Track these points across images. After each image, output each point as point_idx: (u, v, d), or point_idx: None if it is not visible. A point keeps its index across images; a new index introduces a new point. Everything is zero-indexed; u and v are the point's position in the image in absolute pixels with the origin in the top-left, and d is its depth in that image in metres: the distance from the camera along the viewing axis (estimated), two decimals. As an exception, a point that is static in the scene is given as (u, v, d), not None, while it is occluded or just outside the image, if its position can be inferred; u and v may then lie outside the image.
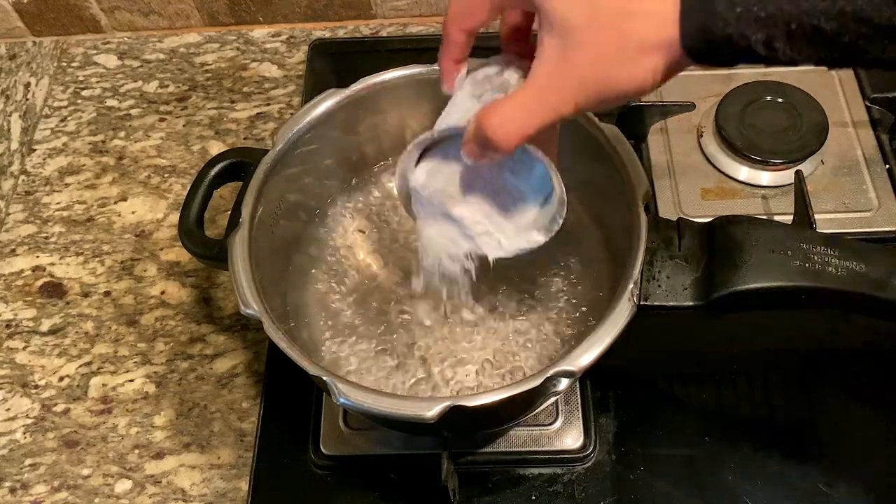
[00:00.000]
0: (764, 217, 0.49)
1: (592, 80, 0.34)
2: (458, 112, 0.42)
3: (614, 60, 0.33)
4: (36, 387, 0.64)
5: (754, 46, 0.31)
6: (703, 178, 0.68)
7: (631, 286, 0.45)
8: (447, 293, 0.50)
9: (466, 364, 0.54)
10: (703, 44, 0.32)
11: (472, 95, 0.42)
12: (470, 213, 0.45)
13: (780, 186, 0.66)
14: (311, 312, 0.56)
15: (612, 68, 0.34)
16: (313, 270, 0.58)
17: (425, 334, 0.55)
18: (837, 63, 0.31)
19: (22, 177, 0.76)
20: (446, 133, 0.42)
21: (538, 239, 0.45)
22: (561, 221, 0.44)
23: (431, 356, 0.54)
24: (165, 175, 0.75)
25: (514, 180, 0.45)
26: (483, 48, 0.43)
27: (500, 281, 0.57)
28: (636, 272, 0.46)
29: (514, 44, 0.43)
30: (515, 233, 0.45)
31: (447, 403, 0.41)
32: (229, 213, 0.51)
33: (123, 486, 0.59)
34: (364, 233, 0.59)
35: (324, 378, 0.43)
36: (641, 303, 0.45)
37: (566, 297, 0.56)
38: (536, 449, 0.56)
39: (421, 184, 0.46)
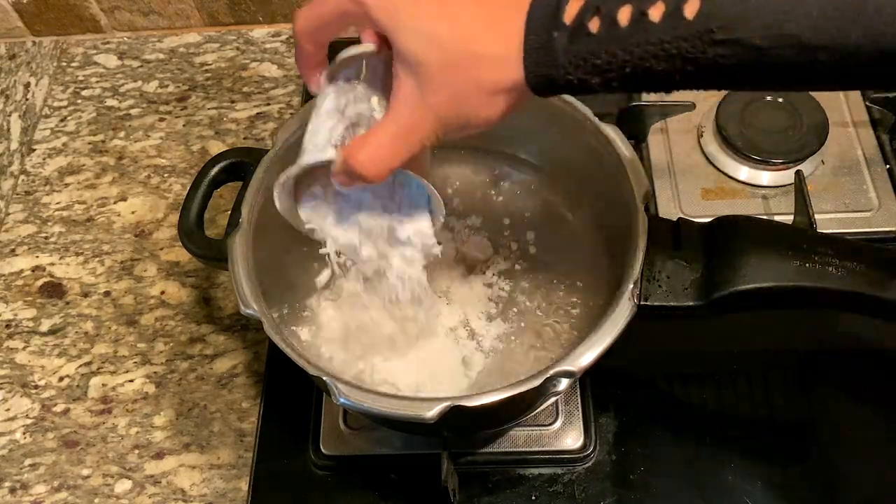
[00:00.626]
0: (764, 217, 0.49)
1: (451, 116, 0.37)
2: (323, 132, 0.42)
3: (469, 101, 0.36)
4: (36, 387, 0.64)
5: (593, 86, 0.34)
6: (703, 178, 0.68)
7: (631, 286, 0.45)
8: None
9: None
10: (546, 86, 0.35)
11: (336, 109, 0.43)
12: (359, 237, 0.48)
13: (780, 186, 0.66)
14: (312, 312, 0.56)
15: (467, 108, 0.36)
16: (313, 270, 0.58)
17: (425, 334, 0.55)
18: (670, 90, 0.34)
19: (22, 177, 0.76)
20: (313, 166, 0.43)
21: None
22: (439, 223, 0.47)
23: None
24: (165, 175, 0.75)
25: (400, 191, 0.47)
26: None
27: (500, 281, 0.57)
28: (636, 272, 0.46)
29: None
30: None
31: (447, 403, 0.41)
32: (229, 213, 0.51)
33: (123, 486, 0.59)
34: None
35: (324, 378, 0.43)
36: (641, 303, 0.45)
37: (566, 297, 0.56)
38: (536, 449, 0.56)
39: (307, 221, 0.47)
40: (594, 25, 0.32)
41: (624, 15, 0.32)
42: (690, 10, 0.31)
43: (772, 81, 0.33)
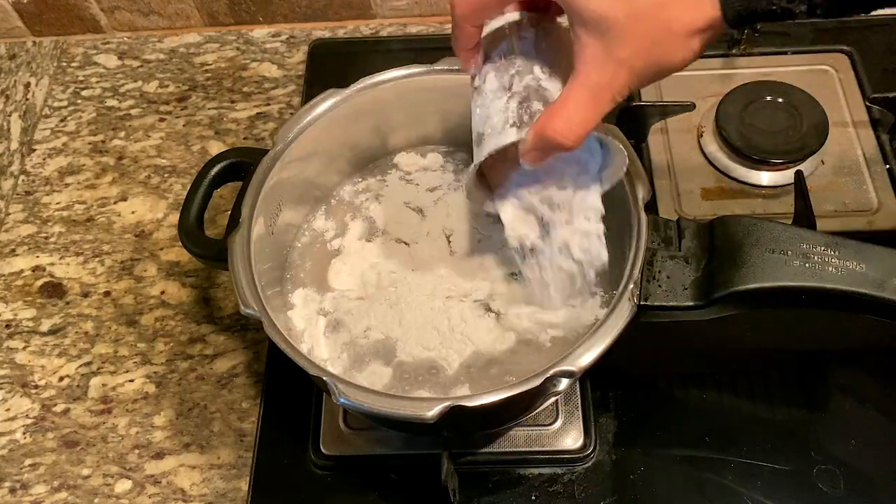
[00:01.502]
0: (764, 217, 0.49)
1: (642, 66, 0.36)
2: (497, 114, 0.42)
3: (662, 48, 0.35)
4: (36, 387, 0.64)
5: (797, 13, 0.33)
6: (703, 178, 0.68)
7: (631, 286, 0.45)
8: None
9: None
10: (747, 18, 0.33)
11: (501, 88, 0.42)
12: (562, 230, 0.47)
13: (780, 186, 0.66)
14: (312, 312, 0.56)
15: (661, 55, 0.35)
16: (313, 270, 0.58)
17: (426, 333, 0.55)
18: (870, 10, 0.34)
19: (22, 177, 0.76)
20: (499, 150, 0.42)
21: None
22: (624, 170, 0.46)
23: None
24: (165, 175, 0.75)
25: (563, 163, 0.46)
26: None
27: (500, 282, 0.57)
28: (636, 272, 0.46)
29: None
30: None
31: (447, 403, 0.42)
32: (229, 213, 0.51)
33: (123, 486, 0.59)
34: (365, 235, 0.59)
35: (324, 378, 0.43)
36: (641, 303, 0.45)
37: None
38: (536, 449, 0.56)
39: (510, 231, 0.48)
40: None
41: None
42: None
43: None
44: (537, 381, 0.42)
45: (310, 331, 0.54)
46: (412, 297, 0.54)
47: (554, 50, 0.43)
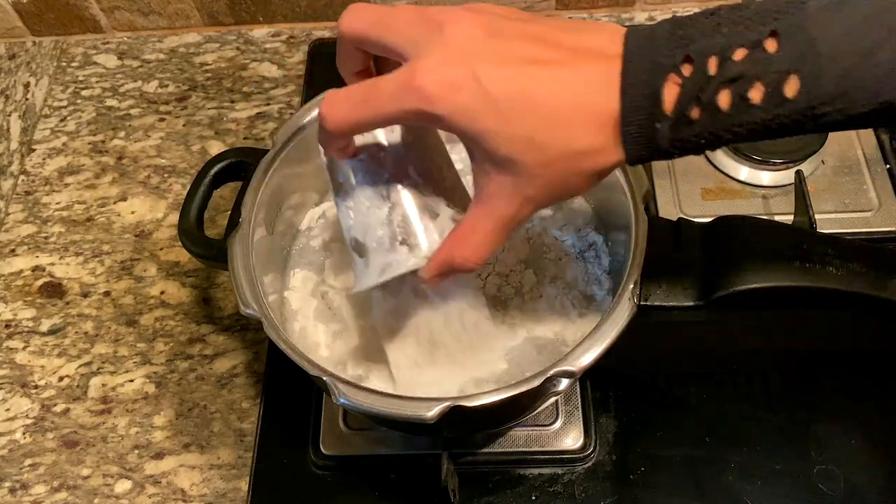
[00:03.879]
0: (764, 217, 0.49)
1: (547, 200, 0.37)
2: (378, 225, 0.41)
3: (568, 184, 0.36)
4: (36, 387, 0.64)
5: (690, 154, 0.35)
6: (703, 178, 0.68)
7: (631, 286, 0.45)
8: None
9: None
10: (644, 160, 0.35)
11: (377, 195, 0.41)
12: None
13: (780, 186, 0.66)
14: (312, 312, 0.56)
15: (566, 191, 0.37)
16: (313, 270, 0.58)
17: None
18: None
19: (21, 177, 0.76)
20: (400, 275, 0.41)
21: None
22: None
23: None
24: (165, 175, 0.75)
25: None
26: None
27: (501, 283, 0.57)
28: (636, 272, 0.46)
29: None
30: None
31: (447, 403, 0.41)
32: (229, 213, 0.51)
33: (123, 486, 0.59)
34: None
35: (324, 378, 0.43)
36: (641, 303, 0.45)
37: (567, 297, 0.56)
38: (536, 449, 0.56)
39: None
40: (695, 114, 0.32)
41: (724, 100, 0.32)
42: (791, 90, 0.31)
43: (861, 126, 0.34)
44: (537, 381, 0.42)
45: (304, 311, 0.55)
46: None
47: (423, 146, 0.42)
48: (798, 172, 0.63)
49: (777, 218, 0.64)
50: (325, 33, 0.83)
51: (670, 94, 0.32)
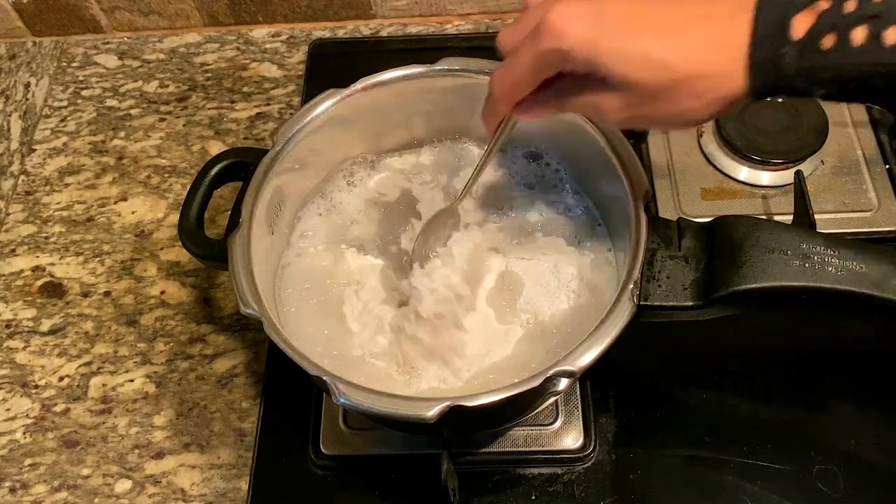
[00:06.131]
0: (764, 217, 0.49)
1: (659, 121, 0.39)
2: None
3: (685, 110, 0.37)
4: (36, 387, 0.64)
5: (815, 94, 0.35)
6: (703, 178, 0.68)
7: (631, 286, 0.45)
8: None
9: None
10: (769, 93, 0.36)
11: None
12: None
13: (780, 186, 0.66)
14: (311, 312, 0.56)
15: (682, 115, 0.37)
16: (313, 269, 0.58)
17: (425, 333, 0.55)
18: (882, 104, 0.37)
19: (22, 177, 0.76)
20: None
21: None
22: None
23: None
24: (165, 175, 0.75)
25: None
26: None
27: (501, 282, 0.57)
28: (636, 272, 0.46)
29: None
30: None
31: (447, 403, 0.41)
32: (229, 213, 0.51)
33: (123, 486, 0.59)
34: (363, 234, 0.59)
35: (324, 378, 0.43)
36: (641, 303, 0.45)
37: (566, 297, 0.56)
38: (536, 449, 0.56)
39: None
40: (828, 42, 0.33)
41: (858, 35, 0.33)
42: None
43: None
44: (537, 381, 0.42)
45: (303, 310, 0.55)
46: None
47: None
48: (798, 172, 0.63)
49: (777, 218, 0.64)
50: (325, 33, 0.83)
51: (802, 23, 0.33)
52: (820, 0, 0.33)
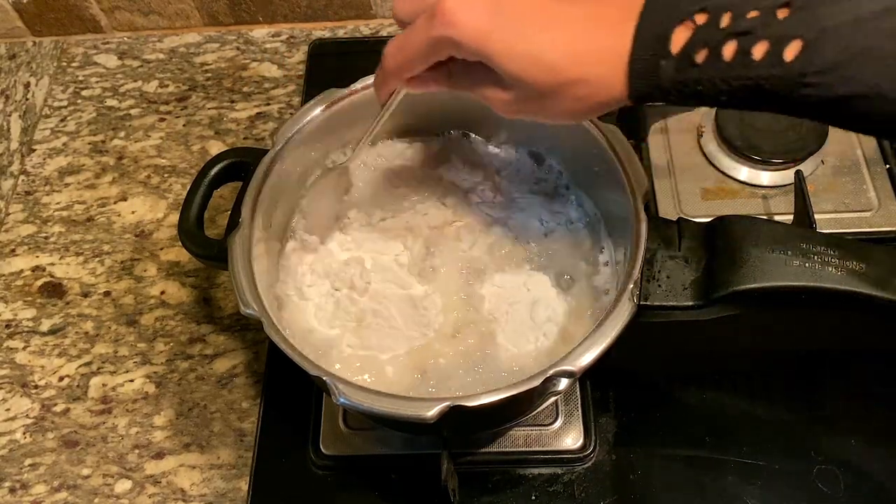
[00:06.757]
0: (764, 217, 0.49)
1: (540, 116, 0.40)
2: None
3: (565, 109, 0.38)
4: (36, 387, 0.64)
5: (687, 103, 0.36)
6: (703, 178, 0.68)
7: (631, 286, 0.45)
8: None
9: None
10: (643, 101, 0.37)
11: None
12: None
13: (780, 186, 0.66)
14: (311, 312, 0.56)
15: (562, 113, 0.39)
16: (312, 269, 0.58)
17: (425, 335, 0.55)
18: (753, 111, 0.37)
19: (22, 177, 0.76)
20: None
21: None
22: None
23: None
24: (165, 175, 0.75)
25: None
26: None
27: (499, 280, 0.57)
28: (636, 272, 0.46)
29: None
30: None
31: (447, 403, 0.41)
32: (229, 213, 0.51)
33: (123, 486, 0.59)
34: (362, 234, 0.59)
35: (324, 378, 0.43)
36: (641, 303, 0.45)
37: (566, 297, 0.56)
38: (536, 449, 0.56)
39: None
40: (700, 57, 0.34)
41: (729, 50, 0.34)
42: (790, 53, 0.33)
43: (848, 123, 0.35)
44: (537, 381, 0.42)
45: (302, 309, 0.55)
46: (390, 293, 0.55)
47: None
48: (798, 172, 0.63)
49: (777, 218, 0.64)
50: (325, 33, 0.83)
51: (680, 36, 0.34)
52: (698, 13, 0.34)
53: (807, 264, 0.44)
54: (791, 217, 0.61)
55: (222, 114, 0.78)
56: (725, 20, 0.34)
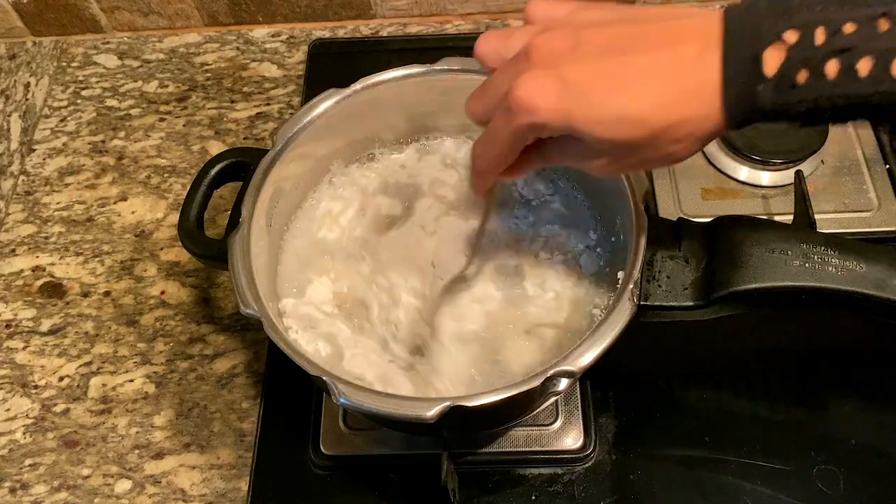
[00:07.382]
0: (764, 217, 0.49)
1: (645, 166, 0.40)
2: None
3: (668, 152, 0.37)
4: (36, 387, 0.64)
5: (790, 121, 0.35)
6: (703, 178, 0.68)
7: (631, 286, 0.45)
8: None
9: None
10: (745, 125, 0.35)
11: None
12: None
13: (780, 186, 0.66)
14: (311, 311, 0.56)
15: (668, 157, 0.37)
16: (312, 269, 0.58)
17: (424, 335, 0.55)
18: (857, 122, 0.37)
19: (22, 177, 0.76)
20: None
21: None
22: None
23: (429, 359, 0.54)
24: (165, 175, 0.75)
25: None
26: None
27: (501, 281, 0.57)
28: (636, 272, 0.46)
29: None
30: None
31: (447, 403, 0.41)
32: (229, 213, 0.51)
33: (123, 486, 0.59)
34: (361, 234, 0.59)
35: (324, 378, 0.43)
36: (641, 303, 0.45)
37: (566, 297, 0.56)
38: (536, 449, 0.56)
39: None
40: (802, 77, 0.33)
41: (832, 69, 0.32)
42: None
43: None
44: (537, 381, 0.42)
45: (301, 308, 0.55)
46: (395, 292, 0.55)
47: None
48: (798, 172, 0.63)
49: (777, 218, 0.64)
50: (325, 33, 0.83)
51: (774, 58, 0.33)
52: (787, 31, 0.33)
53: (807, 264, 0.44)
54: (791, 217, 0.61)
55: (222, 114, 0.78)
56: (820, 37, 0.32)
